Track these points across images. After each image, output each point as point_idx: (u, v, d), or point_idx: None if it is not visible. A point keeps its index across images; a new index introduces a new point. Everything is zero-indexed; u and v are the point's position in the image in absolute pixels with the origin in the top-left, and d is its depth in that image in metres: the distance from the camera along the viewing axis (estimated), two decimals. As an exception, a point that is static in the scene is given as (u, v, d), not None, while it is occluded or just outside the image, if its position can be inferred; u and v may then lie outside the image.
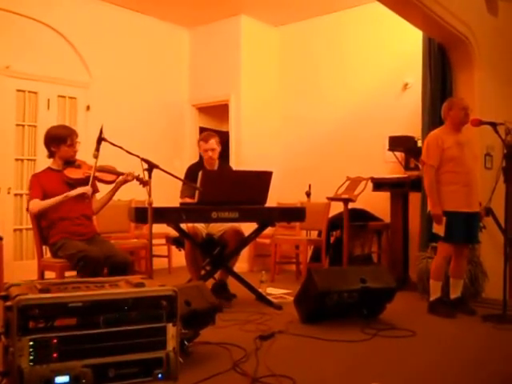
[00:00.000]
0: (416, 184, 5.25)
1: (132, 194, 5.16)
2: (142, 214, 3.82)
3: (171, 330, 2.30)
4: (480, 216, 4.38)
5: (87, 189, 3.93)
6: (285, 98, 7.45)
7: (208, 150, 4.82)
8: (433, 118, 5.34)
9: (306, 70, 7.26)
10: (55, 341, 2.06)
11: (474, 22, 5.32)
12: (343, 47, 6.91)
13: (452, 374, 2.87)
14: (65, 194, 3.89)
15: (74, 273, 3.77)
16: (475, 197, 4.28)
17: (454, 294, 4.37)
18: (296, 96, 7.34)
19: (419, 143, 5.57)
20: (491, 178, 5.15)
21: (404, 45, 6.27)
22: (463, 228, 4.21)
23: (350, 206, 5.43)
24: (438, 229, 4.22)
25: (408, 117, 6.10)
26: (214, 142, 4.85)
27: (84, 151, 4.42)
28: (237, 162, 6.83)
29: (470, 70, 5.40)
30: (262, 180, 4.42)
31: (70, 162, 4.08)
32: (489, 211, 4.44)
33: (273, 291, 5.12)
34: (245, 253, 5.99)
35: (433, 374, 2.85)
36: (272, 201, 5.08)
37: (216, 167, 4.90)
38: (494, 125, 4.20)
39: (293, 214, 4.80)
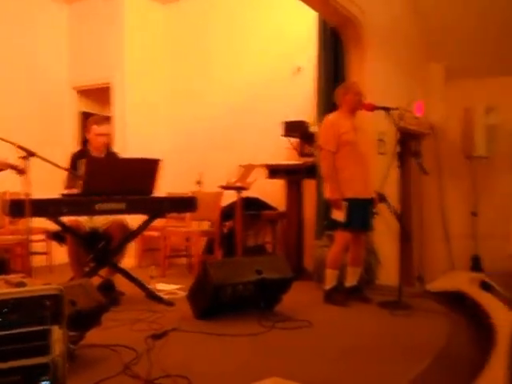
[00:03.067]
0: (311, 170, 5.47)
1: (5, 185, 4.93)
2: (17, 207, 3.68)
3: (57, 332, 2.25)
4: (374, 202, 4.66)
5: None
6: (175, 81, 7.41)
7: (101, 134, 4.73)
8: (326, 102, 5.56)
9: (196, 51, 7.27)
10: None
11: (367, 5, 5.61)
12: (235, 28, 6.99)
13: (351, 362, 3.05)
14: None
15: None
16: (370, 183, 4.56)
17: (351, 282, 4.62)
18: (186, 80, 7.32)
19: (312, 128, 5.79)
20: (384, 163, 5.47)
21: (297, 27, 6.45)
22: (361, 215, 4.47)
23: (244, 194, 5.55)
24: (338, 214, 4.41)
25: (302, 101, 6.31)
26: (108, 127, 4.83)
27: None
28: (122, 150, 6.67)
29: (362, 54, 5.68)
30: (149, 168, 4.40)
31: None
32: (382, 197, 4.72)
33: (164, 287, 5.12)
34: (132, 247, 5.93)
35: (331, 363, 3.02)
36: (162, 191, 5.07)
37: (103, 155, 4.81)
38: (387, 110, 4.48)
39: (183, 204, 4.83)
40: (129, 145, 6.88)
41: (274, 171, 5.77)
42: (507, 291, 5.54)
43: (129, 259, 5.69)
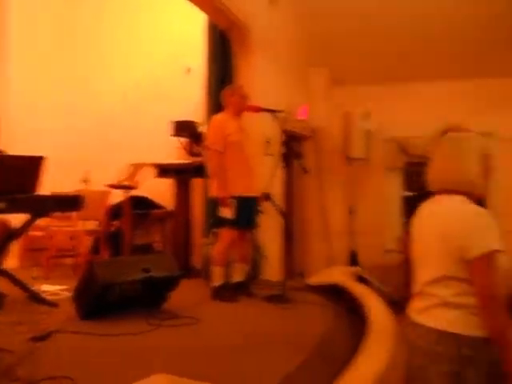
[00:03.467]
0: (199, 170, 5.50)
1: None
2: None
3: None
4: (259, 201, 4.77)
5: None
6: (62, 77, 7.11)
7: None
8: (215, 102, 5.62)
9: (86, 48, 7.07)
10: None
11: (252, 9, 5.74)
12: (125, 26, 6.95)
13: (236, 357, 3.10)
14: None
15: None
16: (255, 182, 4.68)
17: (237, 278, 4.71)
18: (75, 76, 7.09)
19: (201, 128, 5.83)
20: (270, 164, 5.61)
21: (188, 28, 6.48)
22: (247, 213, 4.57)
23: (133, 193, 5.48)
24: (226, 212, 4.48)
25: (192, 101, 6.33)
26: None
27: None
28: (5, 147, 6.35)
29: (248, 57, 5.82)
30: (32, 166, 4.23)
31: None
32: (267, 196, 4.83)
33: (48, 288, 4.93)
34: (15, 247, 5.65)
35: (216, 359, 3.06)
36: (46, 189, 4.87)
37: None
38: (272, 112, 4.61)
39: (68, 203, 4.66)
40: (12, 141, 6.53)
41: (163, 170, 5.74)
42: (381, 284, 5.89)
43: (11, 260, 5.42)
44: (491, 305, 1.92)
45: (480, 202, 2.12)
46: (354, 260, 7.21)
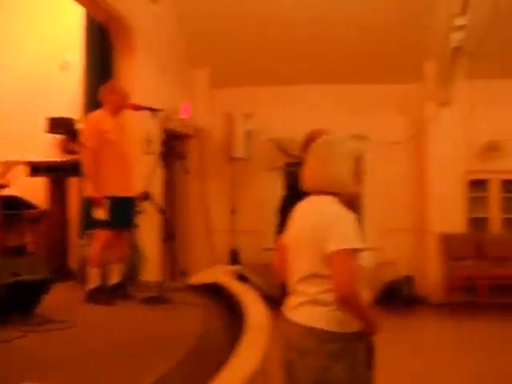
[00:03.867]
0: (76, 168, 5.29)
1: None
2: None
3: None
4: (137, 200, 4.67)
5: None
6: None
7: None
8: (94, 99, 5.44)
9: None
10: None
11: (135, 7, 5.62)
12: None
13: (113, 360, 3.00)
14: None
15: None
16: (132, 181, 4.57)
17: (114, 279, 4.56)
18: None
19: (77, 125, 5.63)
20: (150, 163, 5.52)
21: (65, 21, 6.23)
22: (123, 213, 4.45)
23: (4, 192, 5.19)
24: (100, 213, 4.34)
25: (69, 97, 6.08)
26: None
27: None
28: None
29: (130, 54, 5.71)
30: None
31: None
32: (147, 196, 4.73)
33: None
34: None
35: (93, 363, 2.94)
36: None
37: None
38: (153, 110, 4.54)
39: None
40: None
41: (36, 169, 5.45)
42: (261, 282, 6.00)
43: None
44: (347, 300, 2.00)
45: (351, 202, 2.21)
46: (235, 259, 7.28)
